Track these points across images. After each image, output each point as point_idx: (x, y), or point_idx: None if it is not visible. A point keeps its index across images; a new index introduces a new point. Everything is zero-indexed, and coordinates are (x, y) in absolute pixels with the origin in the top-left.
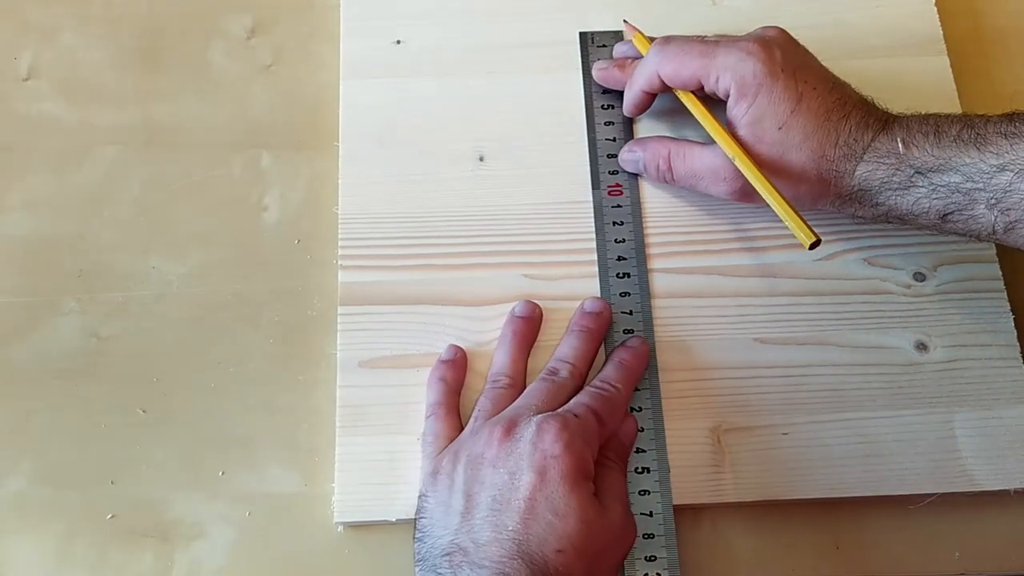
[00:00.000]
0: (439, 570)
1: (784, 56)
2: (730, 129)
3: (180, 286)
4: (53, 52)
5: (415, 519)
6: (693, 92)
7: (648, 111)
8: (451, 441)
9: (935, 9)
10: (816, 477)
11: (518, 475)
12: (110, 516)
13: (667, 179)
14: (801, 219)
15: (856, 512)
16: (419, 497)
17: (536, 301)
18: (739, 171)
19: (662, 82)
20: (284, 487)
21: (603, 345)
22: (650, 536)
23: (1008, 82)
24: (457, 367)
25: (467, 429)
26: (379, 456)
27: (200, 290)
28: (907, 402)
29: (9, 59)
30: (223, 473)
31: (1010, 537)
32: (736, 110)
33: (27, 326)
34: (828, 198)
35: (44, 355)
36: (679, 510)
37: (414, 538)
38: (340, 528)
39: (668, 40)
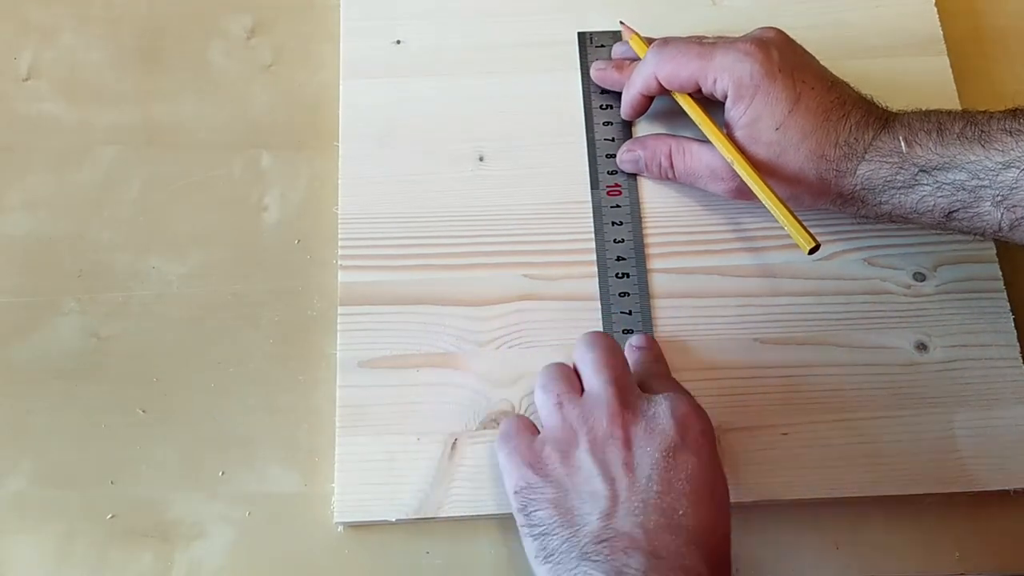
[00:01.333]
0: (594, 558)
1: (782, 56)
2: (728, 131)
3: (180, 286)
4: (53, 52)
5: (519, 513)
6: (691, 95)
7: (647, 111)
8: (534, 434)
9: (935, 9)
10: (816, 477)
11: (670, 454)
12: (110, 516)
13: (668, 176)
14: (800, 224)
15: (856, 512)
16: (517, 493)
17: (536, 301)
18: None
19: (660, 84)
20: (284, 487)
21: None
22: None
23: (1008, 82)
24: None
25: (549, 416)
26: (379, 456)
27: (200, 290)
28: (907, 402)
29: (9, 59)
30: (223, 473)
31: (1010, 537)
32: (734, 111)
33: (27, 326)
34: (828, 198)
35: (44, 355)
36: None
37: (528, 535)
38: (340, 528)
39: (666, 42)
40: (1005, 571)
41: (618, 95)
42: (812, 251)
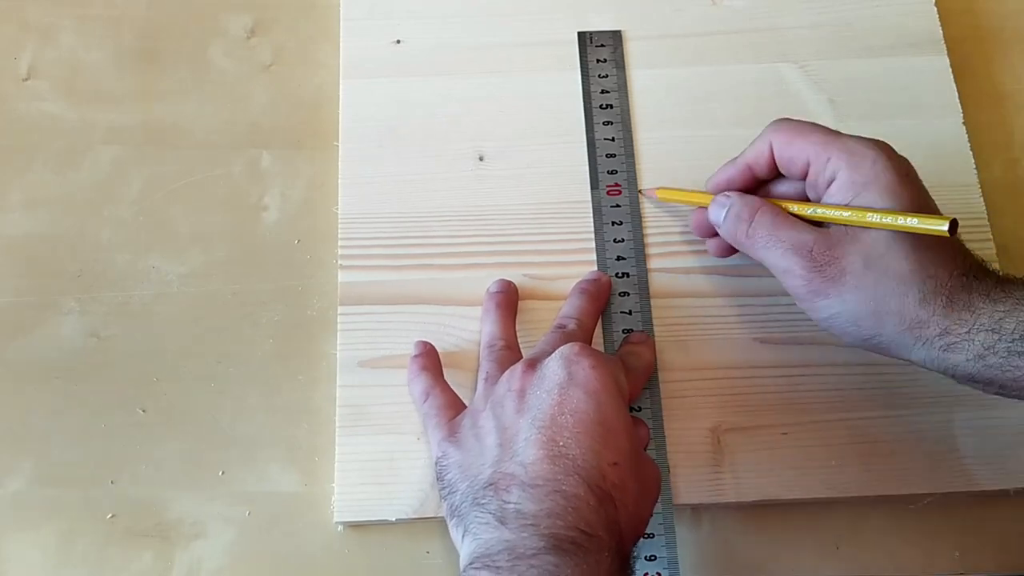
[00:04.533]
0: (481, 502)
1: (910, 168)
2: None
3: (180, 286)
4: (53, 52)
5: (438, 482)
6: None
7: (653, 112)
8: (458, 412)
9: (935, 9)
10: (816, 477)
11: (555, 391)
12: (110, 516)
13: (741, 238)
14: (923, 216)
15: (856, 512)
16: (435, 463)
17: (536, 301)
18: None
19: (771, 156)
20: (284, 487)
21: (603, 340)
22: (650, 536)
23: (1008, 82)
24: (431, 356)
25: (477, 393)
26: (379, 456)
27: (200, 290)
28: (907, 402)
29: (9, 59)
30: (223, 473)
31: (1010, 537)
32: (839, 196)
33: (27, 326)
34: (921, 332)
35: (44, 355)
36: (679, 510)
37: (442, 499)
38: (340, 528)
39: (786, 119)
40: (1005, 571)
41: (618, 93)
42: (952, 228)
